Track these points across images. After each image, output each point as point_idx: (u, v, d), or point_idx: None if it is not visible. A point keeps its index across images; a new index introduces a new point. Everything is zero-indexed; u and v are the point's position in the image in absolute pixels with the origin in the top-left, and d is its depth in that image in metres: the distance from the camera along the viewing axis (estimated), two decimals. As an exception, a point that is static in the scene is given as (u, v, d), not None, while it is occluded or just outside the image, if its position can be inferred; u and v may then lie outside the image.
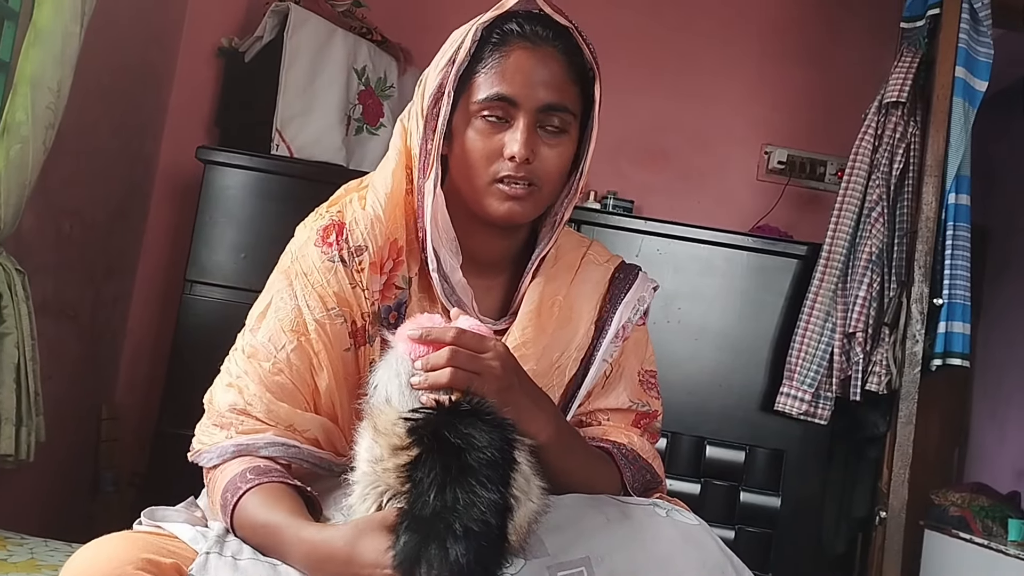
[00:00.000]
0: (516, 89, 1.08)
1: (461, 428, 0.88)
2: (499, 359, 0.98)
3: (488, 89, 1.08)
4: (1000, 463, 3.66)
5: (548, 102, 1.09)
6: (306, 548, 0.93)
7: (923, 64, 2.32)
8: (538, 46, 1.09)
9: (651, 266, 1.34)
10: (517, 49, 1.09)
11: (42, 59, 1.73)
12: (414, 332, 0.97)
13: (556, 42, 1.10)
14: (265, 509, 0.98)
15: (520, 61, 1.08)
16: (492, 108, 1.08)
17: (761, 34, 2.94)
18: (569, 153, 1.13)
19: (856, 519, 2.43)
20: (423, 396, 0.94)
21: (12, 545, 1.58)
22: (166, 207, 2.75)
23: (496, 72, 1.08)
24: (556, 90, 1.09)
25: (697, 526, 1.03)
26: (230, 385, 1.09)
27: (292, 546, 0.94)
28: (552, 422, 1.04)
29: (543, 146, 1.10)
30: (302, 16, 2.50)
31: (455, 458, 0.86)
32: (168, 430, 2.21)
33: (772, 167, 2.88)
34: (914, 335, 2.20)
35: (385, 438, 0.91)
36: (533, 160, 1.08)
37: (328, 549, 0.91)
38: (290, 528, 0.95)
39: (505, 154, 1.08)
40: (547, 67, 1.09)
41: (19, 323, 1.76)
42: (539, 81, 1.08)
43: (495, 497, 0.86)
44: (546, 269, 1.19)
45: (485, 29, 1.10)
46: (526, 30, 1.10)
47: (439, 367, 0.95)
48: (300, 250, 1.13)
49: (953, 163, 2.21)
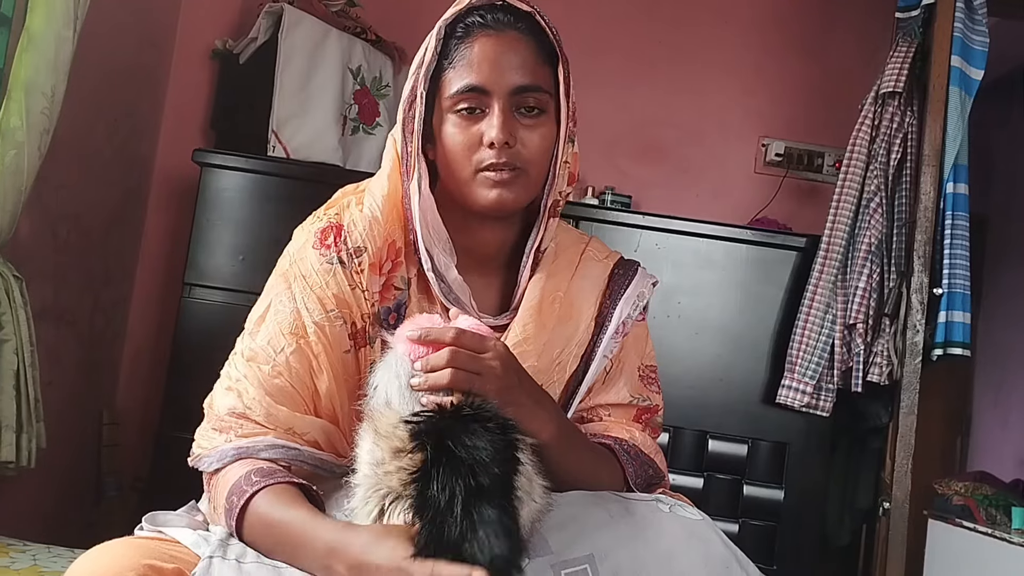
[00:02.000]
0: (485, 76, 1.08)
1: (464, 438, 0.87)
2: (499, 359, 0.98)
3: (459, 82, 1.09)
4: (1003, 451, 3.66)
5: (519, 84, 1.09)
6: (323, 545, 0.92)
7: (919, 54, 2.32)
8: (502, 32, 1.10)
9: (650, 261, 1.34)
10: (481, 38, 1.09)
11: (36, 64, 1.72)
12: (413, 333, 0.97)
13: (519, 24, 1.11)
14: (280, 508, 0.98)
15: (485, 49, 1.09)
16: (465, 99, 1.09)
17: (756, 26, 2.93)
18: (550, 133, 1.12)
19: (860, 510, 2.43)
20: (423, 397, 0.94)
21: (15, 552, 1.58)
22: (163, 210, 2.74)
23: (464, 64, 1.09)
24: (526, 71, 1.09)
25: (700, 521, 1.03)
26: (229, 389, 1.08)
27: (309, 543, 0.94)
28: (553, 420, 1.04)
29: (522, 129, 1.09)
30: (296, 17, 2.49)
31: (464, 477, 0.85)
32: (170, 434, 2.20)
33: (769, 159, 2.87)
34: (915, 325, 2.19)
35: (386, 441, 0.90)
36: (514, 144, 1.08)
37: (345, 548, 0.90)
38: (307, 524, 0.95)
39: (484, 142, 1.08)
40: (514, 50, 1.09)
41: (18, 329, 1.76)
42: (508, 65, 1.08)
43: (507, 516, 0.86)
44: (546, 265, 1.19)
45: (448, 26, 1.11)
46: (488, 19, 1.10)
47: (439, 368, 0.94)
48: (298, 253, 1.12)
49: (951, 152, 2.20)
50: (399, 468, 0.88)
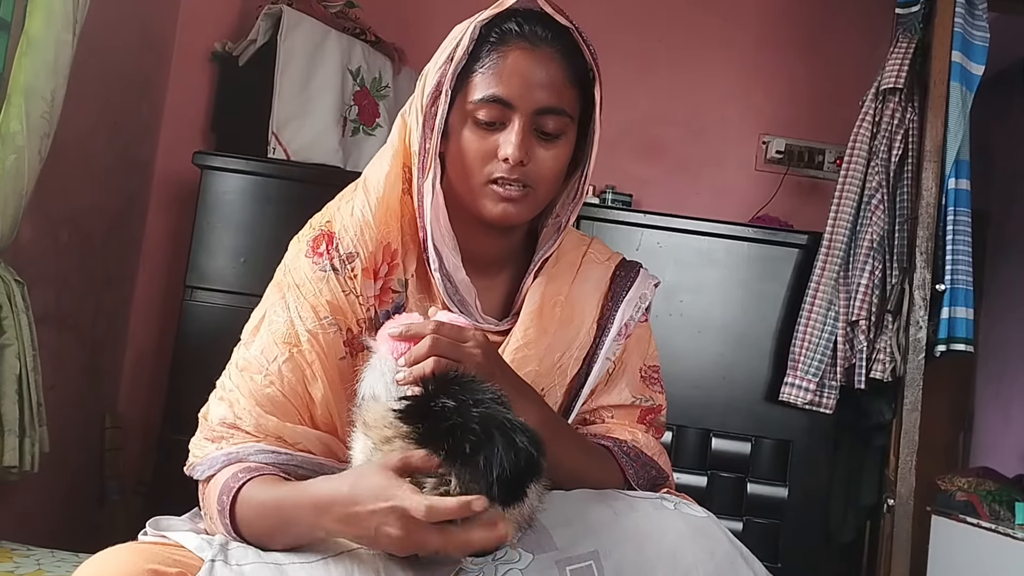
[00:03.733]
0: (513, 91, 1.07)
1: (458, 389, 0.90)
2: (480, 347, 0.98)
3: (485, 90, 1.07)
4: (1005, 447, 3.65)
5: (545, 105, 1.08)
6: (311, 500, 0.93)
7: (919, 49, 2.31)
8: (536, 47, 1.08)
9: (651, 259, 1.34)
10: (515, 49, 1.08)
11: (35, 68, 1.72)
12: (394, 330, 0.98)
13: (555, 43, 1.09)
14: (267, 489, 0.99)
15: (518, 62, 1.07)
16: (488, 109, 1.07)
17: (756, 23, 2.93)
18: (565, 155, 1.12)
19: (864, 507, 2.42)
20: (409, 391, 0.94)
21: (19, 557, 1.58)
22: (164, 213, 2.74)
23: (493, 73, 1.07)
24: (553, 93, 1.08)
25: (705, 518, 1.03)
26: (222, 399, 1.09)
27: (297, 508, 0.95)
28: (535, 410, 1.04)
29: (538, 148, 1.09)
30: (295, 18, 2.49)
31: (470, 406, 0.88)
32: (172, 437, 2.19)
33: (770, 157, 2.87)
34: (917, 321, 2.19)
35: (376, 431, 0.92)
36: (528, 163, 1.08)
37: (332, 495, 0.91)
38: (293, 492, 0.96)
39: (499, 155, 1.07)
40: (545, 69, 1.08)
41: (19, 334, 1.75)
42: (536, 83, 1.07)
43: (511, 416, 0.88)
44: (547, 269, 1.19)
45: (484, 27, 1.09)
46: (525, 30, 1.08)
47: (421, 359, 0.95)
48: (292, 263, 1.13)
49: (952, 148, 2.20)
50: (391, 451, 0.89)
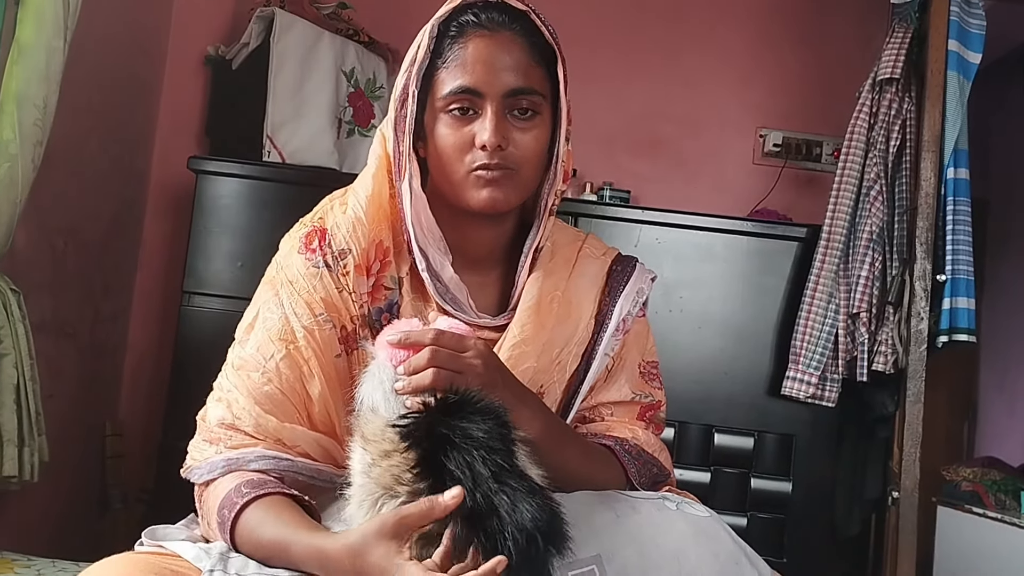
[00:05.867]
0: (479, 78, 1.07)
1: (456, 425, 0.87)
2: (480, 357, 0.97)
3: (452, 83, 1.08)
4: (1010, 436, 3.64)
5: (513, 87, 1.08)
6: (315, 555, 0.92)
7: (915, 39, 2.30)
8: (496, 32, 1.09)
9: (650, 255, 1.34)
10: (475, 38, 1.08)
11: (27, 76, 1.71)
12: (393, 337, 0.97)
13: (514, 25, 1.10)
14: (269, 524, 0.97)
15: (479, 50, 1.08)
16: (458, 101, 1.08)
17: (751, 16, 2.92)
18: (544, 135, 1.12)
19: (868, 500, 2.41)
20: (408, 400, 0.93)
21: (19, 567, 1.57)
22: (160, 219, 2.73)
23: (457, 65, 1.08)
24: (520, 73, 1.08)
25: (708, 518, 1.02)
26: (219, 400, 1.08)
27: (302, 557, 0.94)
28: (539, 417, 1.03)
29: (515, 131, 1.09)
30: (288, 20, 2.48)
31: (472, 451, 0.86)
32: (173, 443, 2.17)
33: (768, 150, 2.86)
34: (919, 312, 2.18)
35: (375, 445, 0.90)
36: (506, 146, 1.08)
37: (336, 557, 0.90)
38: (297, 538, 0.94)
39: (477, 143, 1.07)
40: (508, 52, 1.08)
41: (17, 343, 1.74)
42: (501, 67, 1.07)
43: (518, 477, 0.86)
44: (543, 264, 1.18)
45: (442, 24, 1.10)
46: (482, 18, 1.09)
47: (421, 369, 0.94)
48: (284, 260, 1.12)
49: (950, 137, 2.19)
50: (390, 466, 0.88)
